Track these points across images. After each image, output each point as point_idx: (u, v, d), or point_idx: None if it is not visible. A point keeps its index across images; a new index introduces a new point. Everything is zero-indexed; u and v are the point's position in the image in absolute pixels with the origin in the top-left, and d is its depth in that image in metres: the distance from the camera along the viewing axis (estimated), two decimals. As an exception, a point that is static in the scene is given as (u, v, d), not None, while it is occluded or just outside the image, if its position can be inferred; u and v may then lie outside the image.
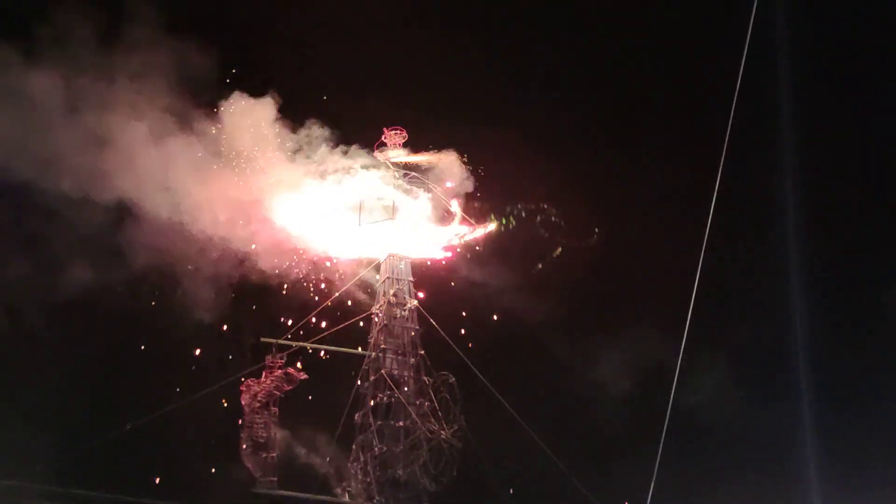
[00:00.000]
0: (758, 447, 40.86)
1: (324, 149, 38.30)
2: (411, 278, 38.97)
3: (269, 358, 36.81)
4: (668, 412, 29.65)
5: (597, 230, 40.40)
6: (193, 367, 37.88)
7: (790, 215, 39.42)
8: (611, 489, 37.03)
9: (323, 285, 38.89)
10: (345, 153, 38.55)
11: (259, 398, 36.24)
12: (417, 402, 37.02)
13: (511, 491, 36.83)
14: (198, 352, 38.08)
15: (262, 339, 37.32)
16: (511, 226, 39.23)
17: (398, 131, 39.21)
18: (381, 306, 38.28)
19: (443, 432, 36.13)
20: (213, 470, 36.67)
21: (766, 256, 43.29)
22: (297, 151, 38.25)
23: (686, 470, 36.25)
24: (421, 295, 38.89)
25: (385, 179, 38.75)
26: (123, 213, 36.07)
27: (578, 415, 41.09)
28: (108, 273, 36.51)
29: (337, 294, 38.38)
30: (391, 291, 38.29)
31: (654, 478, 29.36)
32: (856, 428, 40.06)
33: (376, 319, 38.30)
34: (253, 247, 37.61)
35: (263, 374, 36.59)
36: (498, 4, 47.54)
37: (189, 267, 37.04)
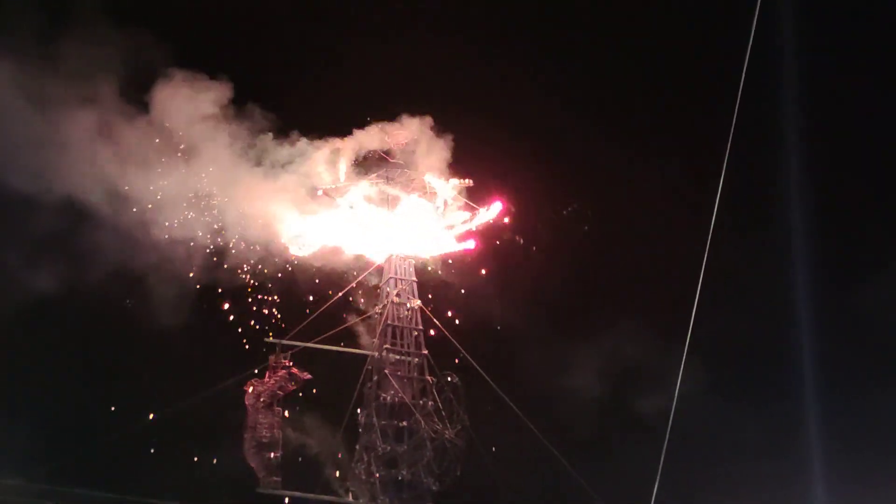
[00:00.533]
0: (759, 447, 40.88)
1: (269, 136, 37.81)
2: (414, 278, 38.91)
3: (272, 358, 36.76)
4: (672, 411, 29.57)
5: (598, 227, 40.52)
6: (192, 368, 37.87)
7: (794, 213, 39.42)
8: (614, 488, 37.01)
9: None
10: (294, 143, 38.15)
11: (263, 398, 36.17)
12: (421, 402, 37.01)
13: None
14: (195, 352, 38.12)
15: (266, 340, 37.27)
16: (512, 225, 39.27)
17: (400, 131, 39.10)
18: (384, 306, 38.20)
19: (447, 432, 36.12)
20: (215, 470, 36.66)
21: (767, 256, 43.31)
22: (247, 144, 37.64)
23: (688, 469, 36.21)
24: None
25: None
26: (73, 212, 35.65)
27: (581, 414, 41.00)
28: (80, 274, 36.37)
29: (340, 294, 38.29)
30: (394, 292, 38.23)
31: (658, 476, 29.25)
32: (859, 427, 40.02)
33: (379, 319, 38.18)
34: (230, 245, 37.58)
35: (267, 374, 36.53)
36: (499, 3, 47.44)
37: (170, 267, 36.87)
